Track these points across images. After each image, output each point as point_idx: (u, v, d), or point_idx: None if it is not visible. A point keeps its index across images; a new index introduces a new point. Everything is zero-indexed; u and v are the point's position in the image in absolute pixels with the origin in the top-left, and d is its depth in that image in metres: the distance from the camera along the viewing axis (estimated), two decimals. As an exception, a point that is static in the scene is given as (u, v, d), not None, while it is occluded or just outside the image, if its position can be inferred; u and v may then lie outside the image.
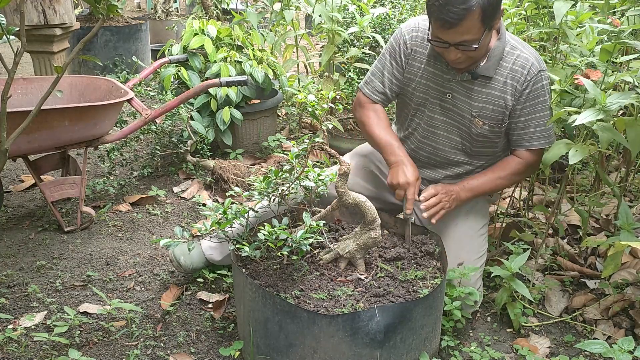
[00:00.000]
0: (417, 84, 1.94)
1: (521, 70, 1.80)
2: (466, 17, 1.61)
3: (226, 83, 2.59)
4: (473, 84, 1.84)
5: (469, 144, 1.96)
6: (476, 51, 1.71)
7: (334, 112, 3.85)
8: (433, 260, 1.82)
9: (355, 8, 3.66)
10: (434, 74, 1.89)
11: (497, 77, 1.82)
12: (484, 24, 1.65)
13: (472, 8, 1.60)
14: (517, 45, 1.83)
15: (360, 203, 1.68)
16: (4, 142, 1.51)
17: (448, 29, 1.65)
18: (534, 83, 1.81)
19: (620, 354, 1.49)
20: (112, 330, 1.89)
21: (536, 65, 1.81)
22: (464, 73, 1.83)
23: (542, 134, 1.88)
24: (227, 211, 1.70)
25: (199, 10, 6.00)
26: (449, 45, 1.70)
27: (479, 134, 1.91)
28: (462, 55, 1.73)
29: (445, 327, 1.86)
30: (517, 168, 1.93)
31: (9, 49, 5.64)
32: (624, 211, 1.80)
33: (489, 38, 1.73)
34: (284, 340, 1.56)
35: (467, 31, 1.65)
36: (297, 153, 1.76)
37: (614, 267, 1.74)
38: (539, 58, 1.84)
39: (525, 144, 1.90)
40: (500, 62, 1.81)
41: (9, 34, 1.58)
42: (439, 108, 1.93)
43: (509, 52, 1.82)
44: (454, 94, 1.88)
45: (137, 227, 2.61)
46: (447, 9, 1.61)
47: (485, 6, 1.61)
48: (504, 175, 1.94)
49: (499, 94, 1.83)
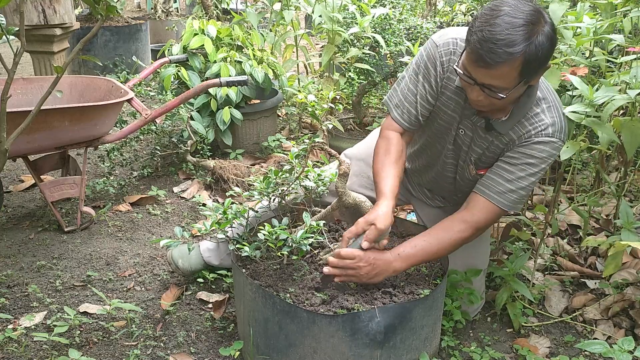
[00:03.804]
0: (443, 113, 1.74)
1: (530, 128, 1.59)
2: (505, 63, 1.40)
3: (226, 83, 2.59)
4: (485, 132, 1.66)
5: (462, 183, 1.86)
6: (503, 102, 1.51)
7: (334, 112, 3.85)
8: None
9: (356, 8, 3.66)
10: (460, 104, 1.68)
11: (509, 133, 1.63)
12: (521, 76, 1.44)
13: (516, 55, 1.38)
14: (542, 104, 1.59)
15: (360, 203, 1.68)
16: (4, 142, 1.51)
17: (481, 67, 1.44)
18: (537, 142, 1.58)
19: (620, 354, 1.49)
20: (112, 330, 1.89)
21: (549, 131, 1.57)
22: (481, 118, 1.65)
23: (513, 195, 1.62)
24: (227, 211, 1.70)
25: (199, 10, 6.00)
26: (475, 83, 1.49)
27: (470, 180, 1.79)
28: (485, 100, 1.52)
29: (445, 327, 1.86)
30: (462, 231, 1.63)
31: (9, 49, 5.63)
32: (625, 210, 1.80)
33: (520, 92, 1.52)
34: (284, 340, 1.56)
35: (500, 77, 1.44)
36: (297, 153, 1.76)
37: (615, 267, 1.74)
38: (560, 127, 1.59)
39: (487, 191, 1.64)
40: (520, 120, 1.60)
41: (9, 34, 1.58)
42: (453, 139, 1.76)
43: (532, 109, 1.59)
44: (466, 131, 1.71)
45: (137, 227, 2.61)
46: (488, 46, 1.39)
47: (529, 58, 1.40)
48: (446, 240, 1.63)
49: (497, 144, 1.67)
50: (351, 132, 3.72)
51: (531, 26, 1.39)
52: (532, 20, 1.40)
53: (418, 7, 5.08)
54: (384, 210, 1.58)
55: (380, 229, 1.55)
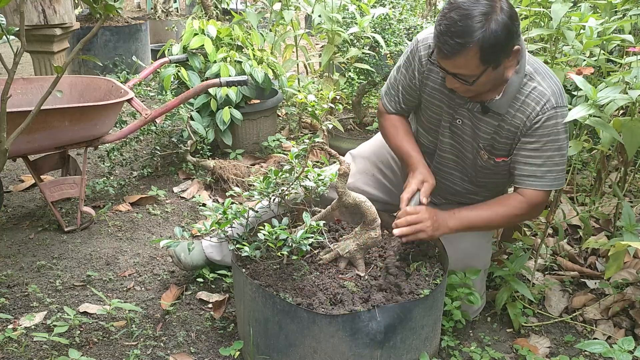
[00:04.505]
0: (429, 103, 1.83)
1: (534, 105, 1.63)
2: (460, 53, 1.50)
3: (226, 83, 2.59)
4: (483, 115, 1.71)
5: (475, 174, 1.86)
6: (478, 87, 1.60)
7: (334, 112, 3.85)
8: (432, 260, 1.82)
9: (355, 8, 3.66)
10: (447, 95, 1.77)
11: (509, 111, 1.67)
12: (483, 63, 1.52)
13: (468, 45, 1.48)
14: (536, 77, 1.65)
15: (360, 203, 1.68)
16: (4, 142, 1.51)
17: (442, 59, 1.56)
18: (547, 119, 1.63)
19: (621, 354, 1.49)
20: (112, 330, 1.89)
21: (552, 102, 1.63)
22: (475, 103, 1.71)
23: (551, 174, 1.69)
24: (227, 211, 1.70)
25: (199, 10, 6.00)
26: (447, 72, 1.60)
27: (483, 167, 1.81)
28: (461, 87, 1.62)
29: (445, 327, 1.86)
30: (518, 208, 1.73)
31: (9, 49, 5.63)
32: (627, 212, 1.80)
33: (494, 75, 1.58)
34: (284, 340, 1.56)
35: (462, 66, 1.53)
36: (297, 153, 1.76)
37: (617, 268, 1.74)
38: (559, 93, 1.65)
39: (528, 182, 1.71)
40: (515, 96, 1.65)
41: (9, 34, 1.58)
42: (449, 132, 1.82)
43: (526, 83, 1.65)
44: (464, 120, 1.76)
45: (137, 227, 2.61)
46: (444, 38, 1.50)
47: (484, 46, 1.48)
48: (503, 214, 1.73)
49: (508, 127, 1.69)
50: (351, 132, 3.72)
51: (483, 16, 1.48)
52: (484, 11, 1.48)
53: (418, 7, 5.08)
54: (426, 168, 1.79)
55: (433, 184, 1.76)
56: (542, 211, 1.79)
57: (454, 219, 1.72)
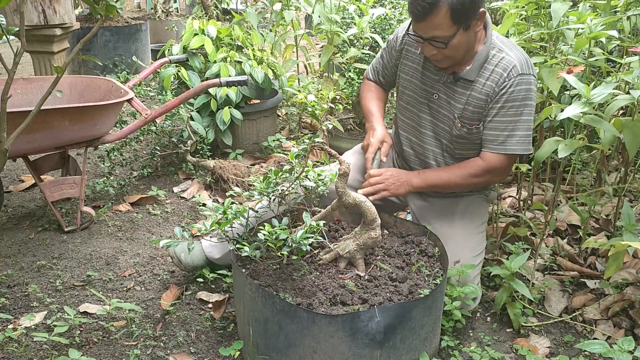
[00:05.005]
0: (408, 82, 1.99)
1: (502, 72, 1.77)
2: (433, 12, 1.65)
3: (226, 83, 2.59)
4: (456, 85, 1.85)
5: (452, 146, 1.96)
6: (452, 50, 1.73)
7: (334, 112, 3.85)
8: (432, 260, 1.82)
9: (355, 8, 3.66)
10: (423, 74, 1.92)
11: (479, 79, 1.81)
12: (454, 22, 1.67)
13: (439, 3, 1.63)
14: (504, 48, 1.80)
15: (360, 203, 1.68)
16: (4, 142, 1.51)
17: (418, 22, 1.71)
18: (512, 85, 1.76)
19: (620, 354, 1.49)
20: (112, 330, 1.89)
21: (517, 68, 1.76)
22: (449, 75, 1.85)
23: (512, 139, 1.81)
24: (227, 211, 1.70)
25: (199, 10, 6.00)
26: (423, 40, 1.74)
27: (458, 135, 1.90)
28: (438, 53, 1.75)
29: (445, 327, 1.86)
30: (476, 170, 1.87)
31: (9, 49, 5.64)
32: (627, 213, 1.80)
33: (465, 38, 1.72)
34: (284, 340, 1.56)
35: (437, 27, 1.68)
36: (297, 153, 1.76)
37: (616, 268, 1.74)
38: (525, 61, 1.78)
39: (489, 145, 1.84)
40: (484, 65, 1.80)
41: (9, 34, 1.58)
42: (427, 108, 1.96)
43: (494, 55, 1.80)
44: (440, 94, 1.90)
45: (137, 227, 2.61)
46: (416, 2, 1.66)
47: (454, 5, 1.64)
48: (460, 174, 1.88)
49: (478, 96, 1.82)
50: (351, 132, 3.72)
51: None
52: None
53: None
54: (384, 128, 2.00)
55: (390, 143, 1.98)
56: (504, 176, 1.94)
57: (418, 178, 1.91)
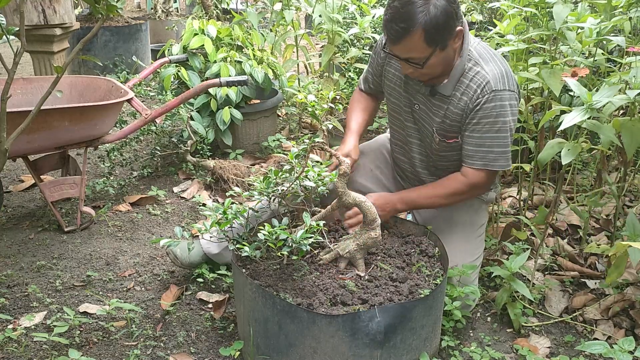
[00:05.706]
0: (392, 89, 1.98)
1: (475, 87, 1.75)
2: (406, 36, 1.63)
3: (226, 83, 2.59)
4: (434, 99, 1.84)
5: (435, 158, 1.96)
6: (429, 69, 1.71)
7: (334, 112, 3.85)
8: (433, 260, 1.82)
9: (356, 8, 3.66)
10: (406, 82, 1.91)
11: (455, 94, 1.79)
12: (429, 45, 1.65)
13: (412, 28, 1.61)
14: (480, 62, 1.77)
15: (360, 203, 1.68)
16: (4, 142, 1.51)
17: (392, 45, 1.69)
18: (486, 102, 1.74)
19: (621, 354, 1.49)
20: (112, 330, 1.89)
21: (491, 85, 1.73)
22: (427, 87, 1.84)
23: (490, 155, 1.80)
24: (227, 211, 1.69)
25: (199, 10, 6.00)
26: (399, 58, 1.73)
27: (438, 149, 1.91)
28: (415, 71, 1.74)
29: (445, 327, 1.86)
30: (458, 187, 1.86)
31: (9, 49, 5.64)
32: (631, 222, 1.78)
33: (443, 55, 1.70)
34: (284, 340, 1.56)
35: (411, 49, 1.66)
36: (297, 153, 1.76)
37: (618, 275, 1.74)
38: (501, 76, 1.75)
39: (468, 161, 1.83)
40: (460, 79, 1.78)
41: (9, 34, 1.58)
42: (411, 117, 1.96)
43: (470, 68, 1.77)
44: (420, 105, 1.90)
45: (137, 227, 2.61)
46: (390, 25, 1.65)
47: (428, 28, 1.61)
48: (442, 194, 1.87)
49: (454, 110, 1.80)
50: (351, 132, 3.71)
51: (423, 1, 1.60)
52: None
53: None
54: (353, 142, 1.99)
55: (355, 159, 1.97)
56: (485, 190, 1.91)
57: (402, 203, 1.91)
